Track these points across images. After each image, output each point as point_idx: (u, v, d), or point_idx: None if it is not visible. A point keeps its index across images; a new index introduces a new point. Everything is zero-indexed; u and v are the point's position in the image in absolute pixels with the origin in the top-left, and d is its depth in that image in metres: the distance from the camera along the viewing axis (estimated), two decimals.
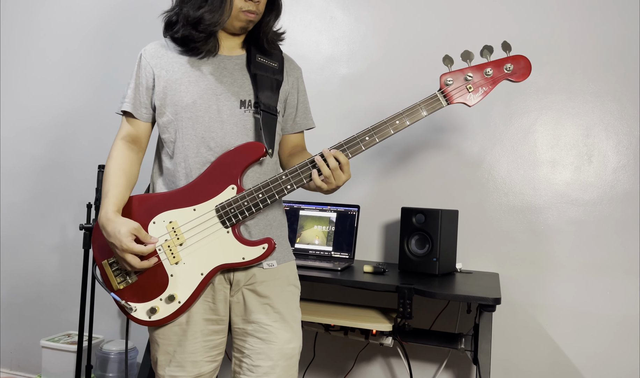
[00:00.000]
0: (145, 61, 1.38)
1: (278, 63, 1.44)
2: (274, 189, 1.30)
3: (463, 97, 1.33)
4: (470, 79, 1.33)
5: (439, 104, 1.34)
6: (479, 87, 1.34)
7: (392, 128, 1.32)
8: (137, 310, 1.33)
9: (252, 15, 1.33)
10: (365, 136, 1.31)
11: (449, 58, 1.33)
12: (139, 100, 1.38)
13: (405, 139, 2.20)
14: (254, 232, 1.36)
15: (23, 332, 2.78)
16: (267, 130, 1.35)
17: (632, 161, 1.96)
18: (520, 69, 1.33)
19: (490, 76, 1.34)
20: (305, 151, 1.52)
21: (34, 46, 2.82)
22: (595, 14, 2.01)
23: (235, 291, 1.36)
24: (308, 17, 2.38)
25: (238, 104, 1.35)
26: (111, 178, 1.33)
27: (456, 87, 1.33)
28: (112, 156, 1.37)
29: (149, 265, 1.29)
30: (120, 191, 1.32)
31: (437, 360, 2.15)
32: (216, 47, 1.36)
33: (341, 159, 1.28)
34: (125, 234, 1.24)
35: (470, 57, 1.32)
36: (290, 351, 1.34)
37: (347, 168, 1.29)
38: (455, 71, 1.34)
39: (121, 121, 1.42)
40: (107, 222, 1.27)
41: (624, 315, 1.94)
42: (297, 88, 1.49)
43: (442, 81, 1.34)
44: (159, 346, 1.37)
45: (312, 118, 1.55)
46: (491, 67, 1.33)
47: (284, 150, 1.51)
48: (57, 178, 2.74)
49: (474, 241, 2.11)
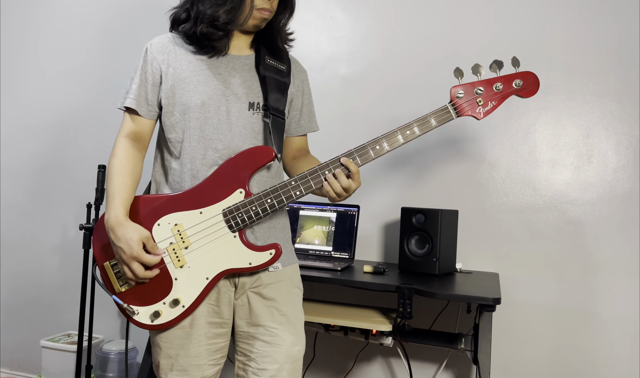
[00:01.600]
0: (152, 56, 1.34)
1: (286, 65, 1.42)
2: (283, 194, 1.29)
3: (473, 111, 1.35)
4: (481, 92, 1.35)
5: (449, 116, 1.34)
6: (489, 101, 1.35)
7: (403, 137, 1.32)
8: (139, 314, 1.30)
9: (267, 13, 1.32)
10: (376, 145, 1.31)
11: (460, 71, 1.34)
12: (143, 97, 1.34)
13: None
14: (258, 235, 1.34)
15: (23, 332, 2.78)
16: (276, 134, 1.33)
17: (632, 161, 1.96)
18: (529, 85, 1.35)
19: (500, 91, 1.35)
20: (308, 154, 1.50)
21: (34, 46, 2.81)
22: (595, 14, 2.01)
23: (240, 294, 1.35)
24: (308, 17, 2.38)
25: (247, 106, 1.33)
26: (118, 178, 1.29)
27: (467, 101, 1.34)
28: (116, 154, 1.31)
29: (151, 275, 1.27)
30: (127, 192, 1.28)
31: (437, 360, 2.15)
32: (227, 47, 1.34)
33: (352, 168, 1.28)
34: (137, 241, 1.22)
35: (480, 71, 1.34)
36: (296, 353, 1.33)
37: (357, 177, 1.29)
38: (465, 84, 1.35)
39: (123, 117, 1.36)
40: (117, 225, 1.23)
41: (624, 315, 1.94)
42: (303, 91, 1.47)
43: (453, 94, 1.34)
44: (161, 349, 1.35)
45: (316, 121, 1.53)
46: (501, 82, 1.35)
47: (288, 153, 1.50)
48: (57, 178, 2.74)
49: (474, 241, 2.11)
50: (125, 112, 1.36)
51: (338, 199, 1.30)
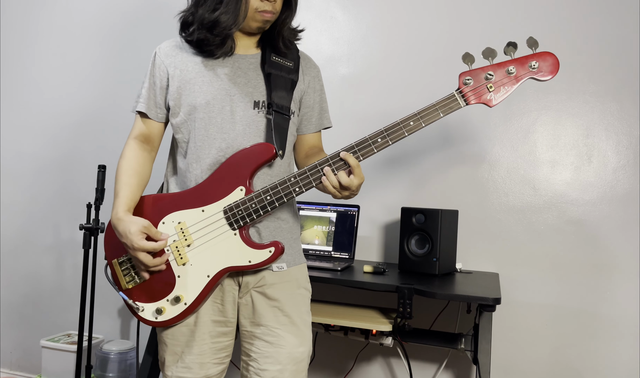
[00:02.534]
0: (160, 60, 1.37)
1: (294, 62, 1.41)
2: (282, 191, 1.28)
3: (483, 97, 1.23)
4: (491, 77, 1.23)
5: (457, 105, 1.24)
6: (501, 86, 1.23)
7: (406, 130, 1.26)
8: (144, 310, 1.33)
9: (269, 14, 1.31)
10: (378, 137, 1.26)
11: (470, 56, 1.23)
12: (152, 100, 1.37)
13: (405, 139, 2.20)
14: (264, 234, 1.34)
15: (23, 332, 2.78)
16: (278, 131, 1.33)
17: (632, 161, 1.96)
18: (547, 66, 1.23)
19: (513, 75, 1.23)
20: (322, 152, 1.47)
21: (34, 46, 2.81)
22: (595, 14, 2.01)
23: (244, 293, 1.35)
24: (308, 17, 2.38)
25: (252, 105, 1.33)
26: (123, 178, 1.33)
27: (475, 87, 1.23)
28: (124, 155, 1.36)
29: (161, 261, 1.29)
30: (131, 191, 1.32)
31: (437, 360, 2.15)
32: (232, 48, 1.34)
33: (350, 162, 1.23)
34: (135, 233, 1.24)
35: (493, 55, 1.22)
36: (299, 355, 1.32)
37: (358, 171, 1.24)
38: (475, 69, 1.23)
39: (135, 120, 1.41)
40: (118, 222, 1.27)
41: (624, 314, 1.94)
42: (314, 87, 1.45)
43: (461, 81, 1.23)
44: (167, 346, 1.37)
45: (328, 118, 1.51)
46: (514, 65, 1.23)
47: (300, 150, 1.47)
48: (57, 178, 2.74)
49: (474, 241, 2.11)
50: (136, 115, 1.41)
51: (340, 195, 1.26)
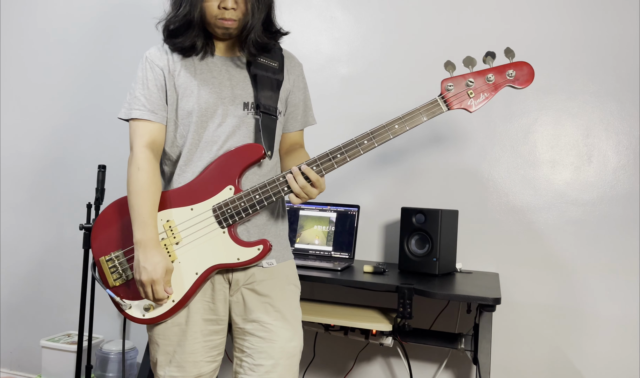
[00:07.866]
0: (153, 63, 1.36)
1: (278, 62, 1.42)
2: (271, 190, 1.30)
3: (464, 103, 1.32)
4: (472, 84, 1.32)
5: (439, 110, 1.32)
6: (480, 93, 1.32)
7: (391, 133, 1.31)
8: (131, 308, 1.34)
9: (228, 22, 1.29)
10: (364, 139, 1.30)
11: (451, 64, 1.32)
12: (154, 103, 1.35)
13: (405, 139, 2.20)
14: (252, 231, 1.36)
15: (23, 332, 2.78)
16: (266, 132, 1.35)
17: (632, 161, 1.96)
18: (523, 75, 1.32)
19: (492, 82, 1.32)
20: (302, 149, 1.50)
21: (34, 46, 2.81)
22: (595, 14, 2.01)
23: (234, 290, 1.36)
24: (308, 17, 2.38)
25: (242, 107, 1.35)
26: (149, 196, 1.30)
27: (457, 93, 1.32)
28: (141, 167, 1.30)
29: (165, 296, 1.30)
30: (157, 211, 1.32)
31: (437, 360, 2.15)
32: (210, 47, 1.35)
33: (311, 177, 1.28)
34: (162, 268, 1.27)
35: (473, 63, 1.32)
36: (292, 349, 1.34)
37: (320, 183, 1.29)
38: (456, 76, 1.33)
39: (135, 127, 1.34)
40: (150, 247, 1.27)
41: (624, 314, 1.94)
42: (299, 86, 1.47)
43: (443, 87, 1.32)
44: (158, 346, 1.37)
45: (313, 115, 1.53)
46: (493, 73, 1.32)
47: (282, 147, 1.50)
48: (57, 178, 2.74)
49: (474, 241, 2.11)
50: (137, 122, 1.34)
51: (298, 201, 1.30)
